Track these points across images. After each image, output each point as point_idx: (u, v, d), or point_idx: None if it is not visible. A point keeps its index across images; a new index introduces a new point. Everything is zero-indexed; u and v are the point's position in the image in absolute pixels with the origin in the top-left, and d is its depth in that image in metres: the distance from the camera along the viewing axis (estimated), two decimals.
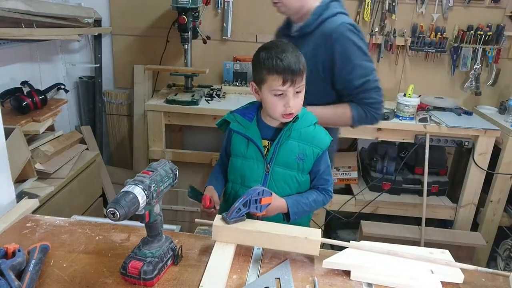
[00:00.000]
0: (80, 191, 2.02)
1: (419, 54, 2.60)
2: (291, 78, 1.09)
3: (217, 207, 1.19)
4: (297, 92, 1.12)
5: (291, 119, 1.16)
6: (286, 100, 1.11)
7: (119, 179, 2.68)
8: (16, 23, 1.83)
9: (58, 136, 1.97)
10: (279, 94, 1.11)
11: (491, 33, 2.50)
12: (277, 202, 1.14)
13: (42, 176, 1.81)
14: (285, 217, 1.19)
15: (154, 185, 0.84)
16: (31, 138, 1.84)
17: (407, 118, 2.28)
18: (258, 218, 1.06)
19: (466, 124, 2.27)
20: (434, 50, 2.55)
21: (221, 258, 0.93)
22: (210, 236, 1.00)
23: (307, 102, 1.23)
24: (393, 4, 2.51)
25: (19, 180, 1.69)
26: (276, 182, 1.19)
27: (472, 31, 2.52)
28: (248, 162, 1.21)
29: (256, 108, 1.23)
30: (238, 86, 2.57)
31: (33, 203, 1.19)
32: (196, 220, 1.07)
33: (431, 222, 2.44)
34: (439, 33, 2.53)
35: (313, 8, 1.40)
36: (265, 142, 1.20)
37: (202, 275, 0.88)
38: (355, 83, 1.39)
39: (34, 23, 1.92)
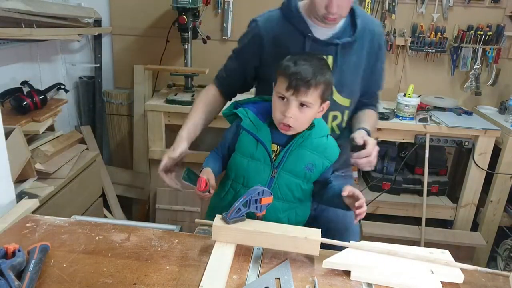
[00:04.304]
0: (80, 191, 2.02)
1: (419, 54, 2.60)
2: (295, 85, 1.04)
3: (212, 191, 1.12)
4: (302, 105, 1.07)
5: (287, 131, 1.11)
6: (286, 108, 1.07)
7: (119, 179, 2.68)
8: (16, 23, 1.83)
9: (58, 136, 1.97)
10: (283, 99, 1.09)
11: (491, 33, 2.50)
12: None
13: (42, 176, 1.81)
14: None
15: None
16: (31, 138, 1.84)
17: (407, 118, 2.28)
18: (258, 218, 1.06)
19: (466, 124, 2.27)
20: (434, 50, 2.55)
21: (221, 258, 0.93)
22: (210, 236, 1.00)
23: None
24: (393, 4, 2.51)
25: (19, 180, 1.69)
26: (280, 187, 1.18)
27: (472, 31, 2.52)
28: (254, 163, 1.17)
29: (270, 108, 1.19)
30: None
31: (33, 203, 1.19)
32: (196, 220, 1.07)
33: (431, 222, 2.45)
34: (439, 33, 2.53)
35: None
36: (274, 146, 1.17)
37: (202, 275, 0.88)
38: (381, 84, 1.44)
39: (34, 23, 1.92)
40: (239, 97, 1.40)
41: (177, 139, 1.29)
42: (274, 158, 1.16)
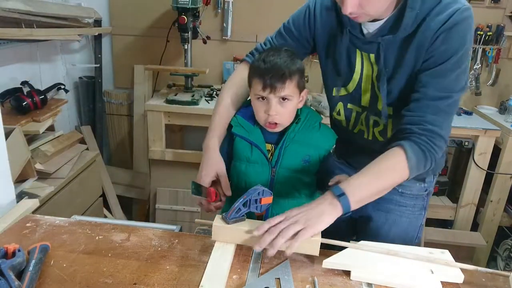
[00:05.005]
0: (80, 191, 2.02)
1: None
2: (270, 84, 1.05)
3: (223, 199, 1.14)
4: (283, 99, 1.08)
5: (274, 129, 1.13)
6: (267, 107, 1.09)
7: (119, 179, 2.68)
8: (16, 23, 1.83)
9: (58, 136, 1.97)
10: (262, 99, 1.10)
11: (491, 33, 2.50)
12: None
13: (42, 176, 1.81)
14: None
15: None
16: (31, 138, 1.84)
17: None
18: (258, 218, 1.06)
19: (466, 124, 2.27)
20: None
21: (221, 258, 0.93)
22: (210, 236, 1.00)
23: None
24: None
25: (19, 180, 1.69)
26: (282, 185, 1.17)
27: None
28: (252, 166, 1.17)
29: None
30: None
31: (33, 203, 1.19)
32: (196, 220, 1.07)
33: (431, 222, 2.45)
34: None
35: None
36: (269, 146, 1.18)
37: (202, 275, 0.88)
38: (430, 93, 1.00)
39: (34, 23, 1.92)
40: None
41: (209, 155, 1.14)
42: (270, 157, 1.17)
